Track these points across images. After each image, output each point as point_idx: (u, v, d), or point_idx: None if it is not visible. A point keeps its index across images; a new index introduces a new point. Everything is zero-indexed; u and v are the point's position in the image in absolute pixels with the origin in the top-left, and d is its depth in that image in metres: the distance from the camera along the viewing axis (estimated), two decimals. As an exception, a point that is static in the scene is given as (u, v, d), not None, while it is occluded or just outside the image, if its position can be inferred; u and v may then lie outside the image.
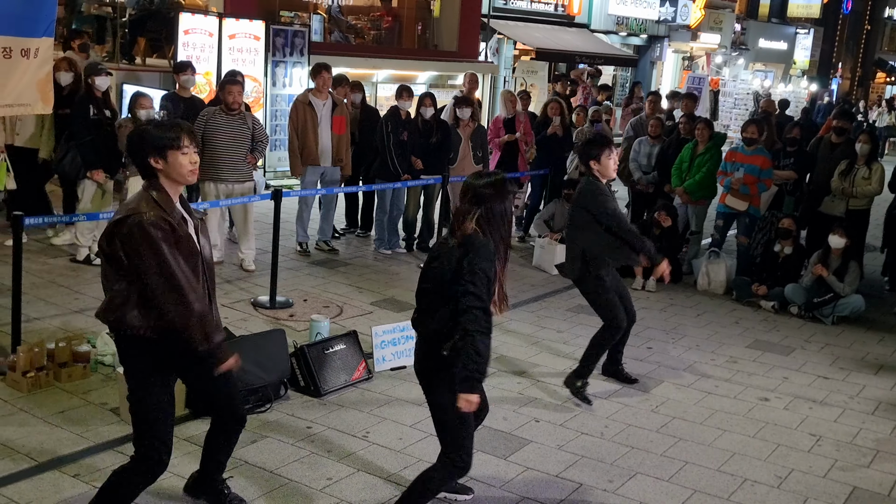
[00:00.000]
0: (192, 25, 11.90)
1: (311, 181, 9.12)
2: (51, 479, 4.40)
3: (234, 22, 12.27)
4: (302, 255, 9.22)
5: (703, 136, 9.81)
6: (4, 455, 4.59)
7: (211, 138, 7.98)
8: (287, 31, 13.07)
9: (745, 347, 7.59)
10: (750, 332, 8.08)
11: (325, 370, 5.82)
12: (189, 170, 3.73)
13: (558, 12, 22.17)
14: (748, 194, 9.35)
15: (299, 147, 8.97)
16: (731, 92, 23.33)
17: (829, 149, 9.92)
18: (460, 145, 9.76)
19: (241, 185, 8.16)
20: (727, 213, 9.61)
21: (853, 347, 7.84)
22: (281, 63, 12.78)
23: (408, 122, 9.46)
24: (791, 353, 7.55)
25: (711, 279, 9.40)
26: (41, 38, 4.15)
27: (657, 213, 9.50)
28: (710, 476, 5.07)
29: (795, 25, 35.04)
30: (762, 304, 8.87)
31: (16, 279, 5.71)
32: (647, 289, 9.21)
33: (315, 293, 8.00)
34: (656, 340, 7.56)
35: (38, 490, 4.29)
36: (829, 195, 9.55)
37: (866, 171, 9.35)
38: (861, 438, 5.80)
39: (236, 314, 7.14)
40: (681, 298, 9.06)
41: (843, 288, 8.48)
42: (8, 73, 3.95)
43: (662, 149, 10.36)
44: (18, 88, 4.01)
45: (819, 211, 9.62)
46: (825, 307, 8.55)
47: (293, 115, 9.02)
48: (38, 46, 4.06)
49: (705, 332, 7.97)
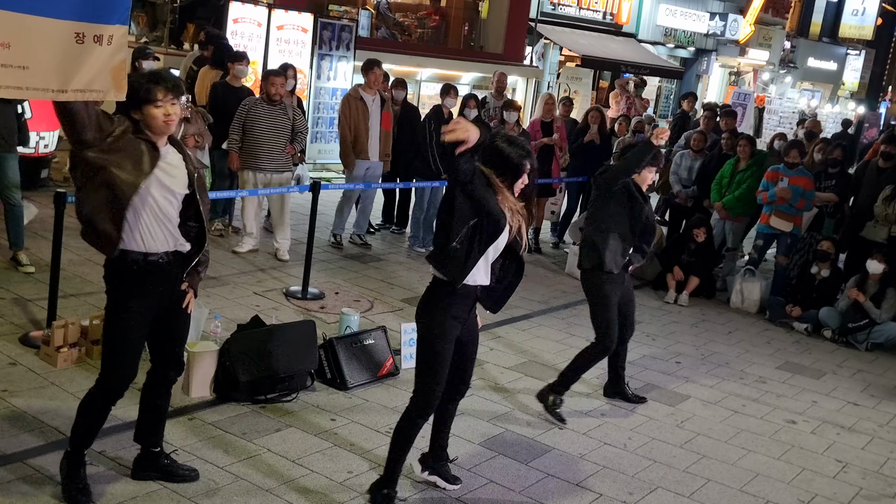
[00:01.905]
0: (241, 14, 12.01)
1: (358, 175, 9.16)
2: (77, 453, 4.47)
3: (283, 13, 12.37)
4: (335, 248, 9.27)
5: (745, 152, 9.75)
6: (33, 427, 4.67)
7: (251, 127, 8.05)
8: (334, 24, 13.15)
9: (776, 368, 7.52)
10: (781, 353, 8.01)
11: (353, 364, 5.86)
12: (162, 121, 3.89)
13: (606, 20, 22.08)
14: (792, 214, 9.28)
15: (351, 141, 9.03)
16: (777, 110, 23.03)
17: (876, 173, 9.78)
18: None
19: (280, 174, 8.22)
20: (769, 234, 9.55)
21: (886, 375, 7.75)
22: (327, 56, 12.86)
23: (450, 120, 9.48)
24: (822, 376, 7.47)
25: (745, 297, 9.33)
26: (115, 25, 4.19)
27: (693, 227, 9.45)
28: (731, 495, 5.03)
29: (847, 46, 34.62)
30: (795, 326, 8.79)
31: (55, 256, 5.81)
32: (680, 303, 9.17)
33: (347, 287, 8.05)
34: (685, 356, 7.52)
35: (65, 464, 4.35)
36: (872, 220, 9.42)
37: (912, 199, 9.20)
38: (888, 468, 5.73)
39: (268, 303, 7.20)
40: (713, 315, 9.00)
41: (880, 315, 8.37)
42: (80, 59, 3.98)
43: (704, 163, 10.30)
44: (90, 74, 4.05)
45: (860, 235, 9.50)
46: (860, 333, 8.45)
47: (345, 110, 9.07)
48: (113, 34, 4.09)
49: (735, 350, 7.91)
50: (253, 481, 4.45)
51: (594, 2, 21.65)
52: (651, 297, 9.37)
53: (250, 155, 8.08)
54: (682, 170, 10.49)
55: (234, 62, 8.98)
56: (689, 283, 9.30)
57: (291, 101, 8.65)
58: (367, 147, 9.03)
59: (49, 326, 5.61)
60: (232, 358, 5.32)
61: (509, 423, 5.61)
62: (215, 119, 8.66)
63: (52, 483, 4.16)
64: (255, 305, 7.03)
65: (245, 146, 8.11)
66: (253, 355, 5.37)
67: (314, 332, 5.83)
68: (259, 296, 7.33)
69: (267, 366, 5.40)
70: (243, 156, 8.15)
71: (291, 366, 5.52)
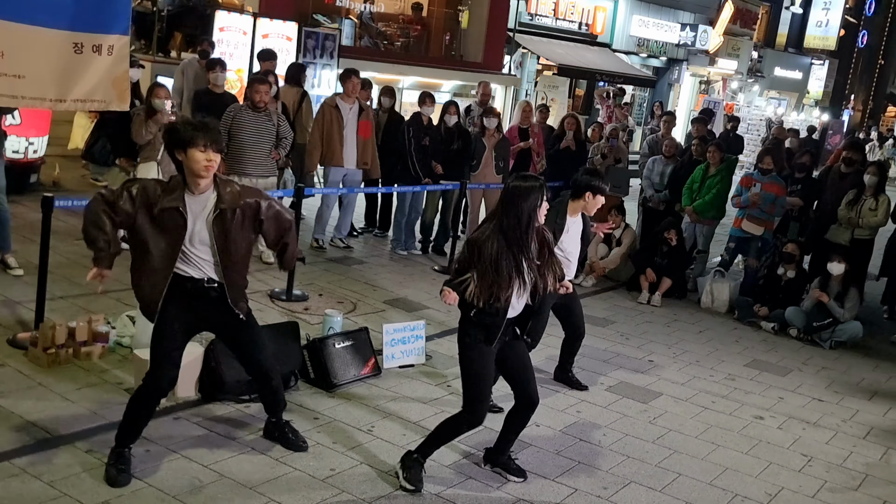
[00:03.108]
0: (227, 23, 11.96)
1: (333, 181, 9.13)
2: (64, 453, 4.41)
3: (268, 22, 12.32)
4: (318, 251, 9.23)
5: (714, 158, 9.80)
6: (21, 427, 4.61)
7: (237, 134, 7.99)
8: (318, 33, 13.10)
9: (744, 366, 7.56)
10: (749, 351, 8.05)
11: (336, 364, 5.82)
12: (204, 166, 4.04)
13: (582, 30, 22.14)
14: (765, 219, 9.35)
15: (325, 148, 8.99)
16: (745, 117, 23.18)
17: (838, 179, 9.86)
18: (484, 153, 9.77)
19: (265, 179, 8.16)
20: (741, 237, 9.62)
21: (849, 372, 7.80)
22: (311, 64, 12.80)
23: (430, 128, 9.47)
24: (788, 374, 7.51)
25: (715, 298, 9.38)
26: (116, 35, 4.15)
27: (665, 231, 9.49)
28: (701, 489, 5.04)
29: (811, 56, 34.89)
30: (762, 325, 8.84)
31: (43, 258, 5.74)
32: (652, 303, 9.20)
33: (330, 288, 8.01)
34: (658, 354, 7.54)
35: (51, 463, 4.30)
36: (836, 223, 9.50)
37: (873, 203, 9.28)
38: (851, 462, 5.76)
39: (253, 304, 7.07)
40: (684, 315, 9.03)
41: (843, 314, 8.44)
42: (79, 69, 3.95)
43: (675, 168, 10.36)
44: (91, 84, 4.02)
45: (824, 238, 9.57)
46: (824, 331, 8.52)
47: (318, 117, 9.05)
48: (113, 44, 4.06)
49: (706, 348, 7.94)
50: (237, 479, 4.41)
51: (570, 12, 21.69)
52: (625, 297, 9.39)
53: (236, 160, 8.02)
54: (655, 175, 10.54)
55: (208, 70, 8.93)
56: (662, 285, 9.34)
57: (276, 107, 8.60)
58: (340, 154, 8.97)
59: (37, 328, 5.55)
60: (217, 358, 5.28)
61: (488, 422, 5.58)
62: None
63: (40, 482, 4.11)
64: (241, 307, 6.98)
65: (230, 152, 8.04)
66: (237, 356, 5.33)
67: (298, 333, 5.80)
68: (244, 297, 7.29)
69: (251, 366, 5.35)
70: (229, 161, 8.08)
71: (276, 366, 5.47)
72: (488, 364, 4.52)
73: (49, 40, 3.91)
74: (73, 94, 3.98)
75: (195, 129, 4.03)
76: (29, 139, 8.82)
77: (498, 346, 4.50)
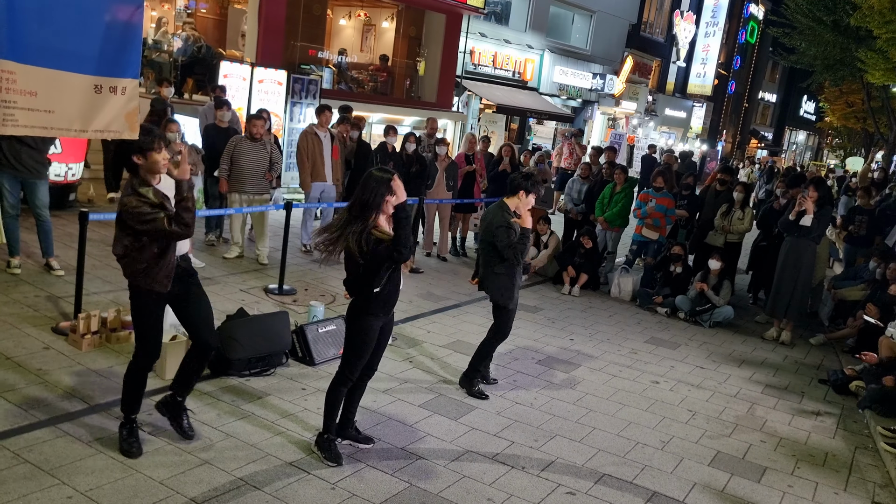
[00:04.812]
0: (230, 71, 11.81)
1: (314, 195, 9.07)
2: (98, 419, 4.34)
3: (263, 70, 12.18)
4: (305, 254, 9.16)
5: (620, 179, 9.93)
6: (64, 398, 4.52)
7: (237, 159, 7.91)
8: (304, 79, 13.00)
9: (644, 342, 7.66)
10: (648, 330, 8.17)
11: (319, 345, 5.79)
12: (162, 164, 3.81)
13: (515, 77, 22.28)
14: (658, 227, 9.53)
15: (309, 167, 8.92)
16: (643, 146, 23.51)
17: (714, 195, 10.07)
18: (436, 175, 9.77)
19: (260, 196, 8.10)
20: (641, 241, 9.77)
21: (724, 346, 7.95)
22: (298, 104, 12.70)
23: (393, 154, 9.44)
24: (677, 347, 7.64)
25: (622, 289, 9.49)
26: (128, 78, 4.10)
27: (582, 236, 9.59)
28: (611, 439, 5.11)
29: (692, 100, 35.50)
30: (658, 310, 8.97)
31: (80, 262, 5.63)
32: (573, 294, 9.28)
33: (314, 284, 7.95)
34: (577, 335, 7.61)
35: (89, 427, 4.23)
36: (713, 230, 9.69)
37: (741, 214, 9.50)
38: (725, 415, 5.88)
39: (251, 297, 7.08)
40: (597, 303, 9.13)
41: (718, 300, 8.60)
42: (98, 106, 3.90)
43: (590, 187, 10.47)
44: (108, 118, 3.96)
45: (705, 242, 9.76)
46: (704, 314, 8.67)
47: (303, 143, 8.92)
48: (126, 85, 4.01)
49: (614, 329, 8.03)
50: (241, 438, 4.37)
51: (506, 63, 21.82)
52: (551, 289, 9.47)
53: (236, 181, 7.93)
54: (574, 192, 10.65)
55: (217, 109, 8.85)
56: (580, 279, 9.43)
57: (269, 138, 8.52)
58: (322, 172, 8.92)
59: (75, 318, 5.44)
60: (223, 341, 5.22)
61: (442, 389, 5.61)
62: (208, 153, 8.50)
63: (80, 443, 4.04)
64: (241, 300, 6.91)
65: (232, 174, 7.96)
66: (239, 339, 5.28)
67: (288, 321, 5.75)
68: (244, 292, 7.21)
69: (251, 347, 5.31)
70: (231, 181, 8.00)
71: (270, 347, 5.44)
72: None
73: (75, 82, 3.86)
74: (93, 125, 3.94)
75: (149, 134, 3.80)
76: (68, 164, 8.62)
77: None
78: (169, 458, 4.02)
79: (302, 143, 8.97)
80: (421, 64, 18.10)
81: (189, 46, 13.63)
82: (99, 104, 3.98)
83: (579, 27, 25.52)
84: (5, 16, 3.49)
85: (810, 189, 7.88)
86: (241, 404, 4.83)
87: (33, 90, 3.65)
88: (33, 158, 6.44)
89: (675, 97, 34.05)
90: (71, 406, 4.44)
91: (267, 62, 12.81)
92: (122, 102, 4.09)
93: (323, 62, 15.69)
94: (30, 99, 3.64)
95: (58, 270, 6.77)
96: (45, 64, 3.74)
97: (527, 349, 6.81)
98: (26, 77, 3.57)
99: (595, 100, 26.35)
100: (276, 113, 12.07)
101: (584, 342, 7.37)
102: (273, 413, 4.77)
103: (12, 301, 5.97)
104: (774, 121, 49.74)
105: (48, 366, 4.94)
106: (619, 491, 4.38)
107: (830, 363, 7.75)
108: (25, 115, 3.64)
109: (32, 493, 3.55)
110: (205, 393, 4.90)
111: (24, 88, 3.61)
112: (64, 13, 3.79)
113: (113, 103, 4.05)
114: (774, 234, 9.10)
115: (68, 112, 3.84)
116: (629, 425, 5.40)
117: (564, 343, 7.23)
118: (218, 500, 3.70)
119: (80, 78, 3.91)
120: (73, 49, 3.82)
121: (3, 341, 5.20)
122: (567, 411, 5.51)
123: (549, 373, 6.30)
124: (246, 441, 4.34)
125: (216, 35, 16.48)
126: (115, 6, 4.04)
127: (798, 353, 8.03)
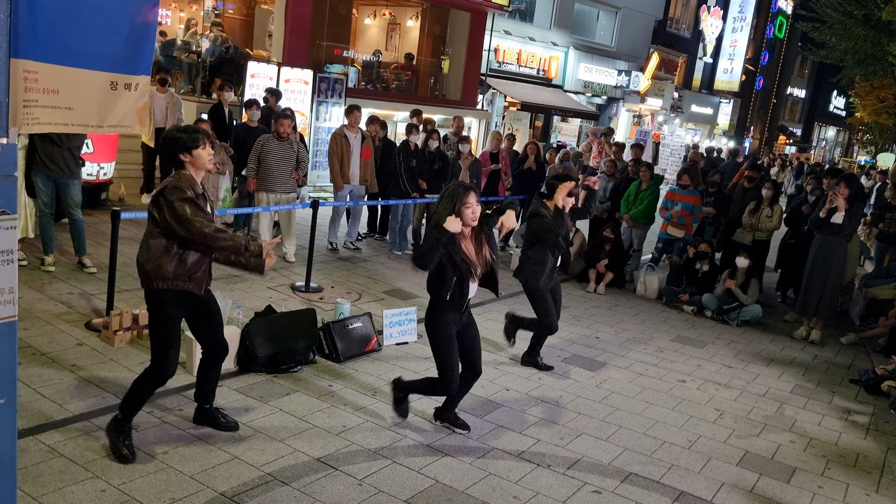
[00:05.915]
0: (257, 71, 11.91)
1: (342, 196, 9.13)
2: (130, 414, 4.40)
3: (289, 70, 12.28)
4: (331, 252, 9.22)
5: (645, 176, 9.86)
6: (97, 392, 4.59)
7: (265, 158, 7.97)
8: (330, 78, 13.07)
9: (670, 340, 7.60)
10: (674, 328, 8.10)
11: (345, 342, 5.82)
12: (207, 160, 3.91)
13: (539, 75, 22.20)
14: (685, 224, 9.44)
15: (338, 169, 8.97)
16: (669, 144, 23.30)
17: (742, 192, 9.95)
18: (460, 173, 9.78)
19: (287, 195, 8.15)
20: (667, 239, 9.70)
21: (752, 344, 7.86)
22: (324, 103, 12.78)
23: (416, 152, 9.47)
24: (704, 346, 7.57)
25: (647, 287, 9.42)
26: (140, 75, 4.17)
27: (605, 228, 9.54)
28: (637, 438, 5.08)
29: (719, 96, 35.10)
30: (684, 308, 8.90)
31: (112, 259, 5.72)
32: (598, 292, 9.23)
33: (340, 282, 8.00)
34: (603, 332, 7.57)
35: (120, 422, 4.28)
36: (741, 228, 9.58)
37: (769, 211, 9.37)
38: (754, 414, 5.82)
39: (279, 295, 7.14)
40: (623, 301, 9.07)
41: (746, 299, 8.50)
42: (114, 102, 3.98)
43: (615, 184, 10.40)
44: (122, 114, 4.04)
45: (732, 239, 9.65)
46: (732, 313, 8.58)
47: (333, 145, 9.01)
48: (138, 82, 4.09)
49: (640, 327, 7.98)
50: (268, 434, 4.41)
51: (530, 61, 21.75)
52: (576, 287, 9.43)
53: (264, 179, 8.00)
54: (599, 189, 10.55)
55: (247, 108, 8.99)
56: (605, 277, 9.38)
57: (296, 137, 8.59)
58: (348, 174, 8.99)
59: (108, 314, 5.52)
60: (251, 338, 5.27)
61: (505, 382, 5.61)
62: (237, 152, 8.58)
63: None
64: (268, 297, 6.97)
65: (260, 173, 8.03)
66: (267, 336, 5.33)
67: (315, 318, 5.79)
68: (271, 290, 7.27)
69: (278, 343, 5.36)
70: (258, 180, 8.07)
71: (297, 343, 5.49)
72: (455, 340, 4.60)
73: (92, 80, 3.94)
74: (108, 121, 4.03)
75: (195, 132, 3.87)
76: (100, 164, 8.76)
77: None
78: (198, 453, 4.07)
79: (332, 145, 9.05)
80: (445, 62, 18.10)
81: (217, 47, 13.76)
82: (113, 100, 4.07)
83: (604, 24, 25.35)
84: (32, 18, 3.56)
85: (842, 186, 7.75)
86: (268, 400, 4.87)
87: (55, 88, 3.73)
88: (66, 158, 6.56)
89: (701, 93, 33.70)
90: (104, 401, 4.51)
91: (293, 62, 12.90)
92: (134, 98, 4.17)
93: (348, 61, 15.75)
94: (51, 97, 3.73)
95: (90, 268, 6.88)
96: (67, 63, 3.82)
97: (552, 347, 6.77)
98: (48, 75, 3.66)
99: (620, 97, 26.18)
100: (302, 112, 12.16)
101: (609, 340, 7.33)
102: (301, 409, 4.81)
103: (47, 298, 6.08)
104: (803, 117, 49.00)
105: (82, 361, 5.03)
106: (646, 490, 4.34)
107: (862, 363, 7.62)
108: (47, 113, 3.73)
109: (67, 486, 3.61)
110: (233, 389, 4.95)
111: (46, 87, 3.69)
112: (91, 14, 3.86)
113: (126, 99, 4.13)
114: (803, 232, 8.97)
115: (87, 108, 3.92)
116: (656, 424, 5.36)
117: (590, 341, 7.20)
118: (247, 495, 3.74)
119: (99, 75, 4.00)
120: (95, 48, 3.91)
121: (38, 337, 5.30)
122: (593, 409, 5.48)
123: (575, 371, 6.28)
124: (274, 437, 4.38)
125: (243, 35, 16.65)
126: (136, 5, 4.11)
127: (828, 353, 7.91)
